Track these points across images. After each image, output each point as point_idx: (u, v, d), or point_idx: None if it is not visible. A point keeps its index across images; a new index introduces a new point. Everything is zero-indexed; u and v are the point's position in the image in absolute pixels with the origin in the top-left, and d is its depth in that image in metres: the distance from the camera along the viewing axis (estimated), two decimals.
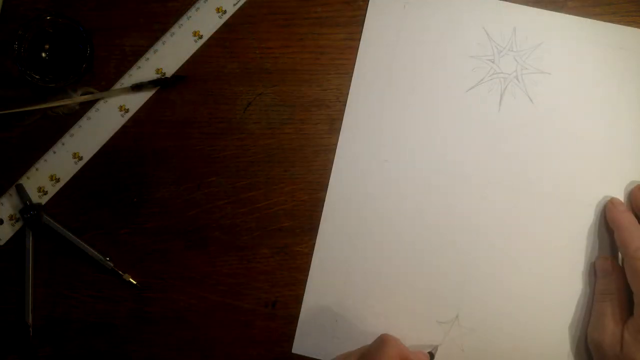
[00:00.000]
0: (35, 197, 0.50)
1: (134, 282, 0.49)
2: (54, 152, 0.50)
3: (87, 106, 0.50)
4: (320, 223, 0.49)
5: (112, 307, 0.49)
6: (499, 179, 0.49)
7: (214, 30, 0.50)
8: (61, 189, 0.50)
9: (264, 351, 0.49)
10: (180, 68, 0.50)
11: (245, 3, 0.50)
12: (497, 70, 0.50)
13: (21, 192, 0.49)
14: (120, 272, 0.49)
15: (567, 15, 0.50)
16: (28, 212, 0.49)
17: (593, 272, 0.48)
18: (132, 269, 0.49)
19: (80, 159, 0.50)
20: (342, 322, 0.48)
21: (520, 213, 0.49)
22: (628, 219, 0.47)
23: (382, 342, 0.42)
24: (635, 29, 0.49)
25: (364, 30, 0.50)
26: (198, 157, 0.50)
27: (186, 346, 0.49)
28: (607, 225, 0.48)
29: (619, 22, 0.50)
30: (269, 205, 0.50)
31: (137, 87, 0.50)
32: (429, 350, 0.47)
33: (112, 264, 0.49)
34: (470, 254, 0.49)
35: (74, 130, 0.50)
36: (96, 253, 0.49)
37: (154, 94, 0.50)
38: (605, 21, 0.49)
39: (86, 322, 0.49)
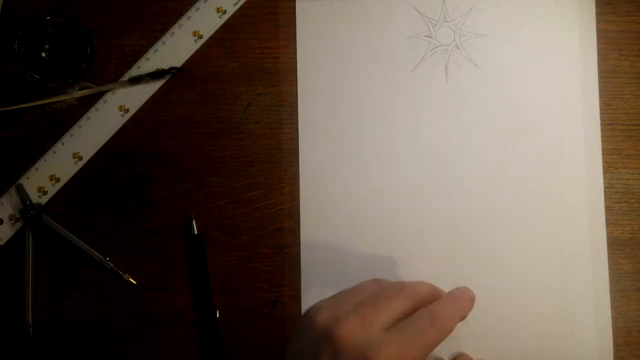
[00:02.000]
0: (35, 197, 0.49)
1: (134, 282, 0.49)
2: (54, 152, 0.50)
3: (87, 106, 0.50)
4: (301, 231, 0.49)
5: (112, 307, 0.49)
6: (468, 153, 0.49)
7: (214, 30, 0.50)
8: (61, 189, 0.50)
9: (264, 351, 0.49)
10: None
11: (245, 3, 0.50)
12: (436, 44, 0.50)
13: (21, 192, 0.49)
14: (120, 272, 0.49)
15: None
16: (28, 212, 0.49)
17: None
18: (132, 269, 0.49)
19: (80, 159, 0.50)
20: None
21: (498, 195, 0.49)
22: None
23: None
24: None
25: (297, 34, 0.50)
26: (198, 157, 0.50)
27: (186, 346, 0.49)
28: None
29: (618, 22, 0.50)
30: (269, 205, 0.50)
31: (135, 80, 0.50)
32: None
33: (112, 264, 0.49)
34: (454, 247, 0.48)
35: (74, 130, 0.50)
36: (96, 253, 0.49)
37: (153, 94, 0.50)
38: (604, 21, 0.50)
39: (86, 322, 0.49)
